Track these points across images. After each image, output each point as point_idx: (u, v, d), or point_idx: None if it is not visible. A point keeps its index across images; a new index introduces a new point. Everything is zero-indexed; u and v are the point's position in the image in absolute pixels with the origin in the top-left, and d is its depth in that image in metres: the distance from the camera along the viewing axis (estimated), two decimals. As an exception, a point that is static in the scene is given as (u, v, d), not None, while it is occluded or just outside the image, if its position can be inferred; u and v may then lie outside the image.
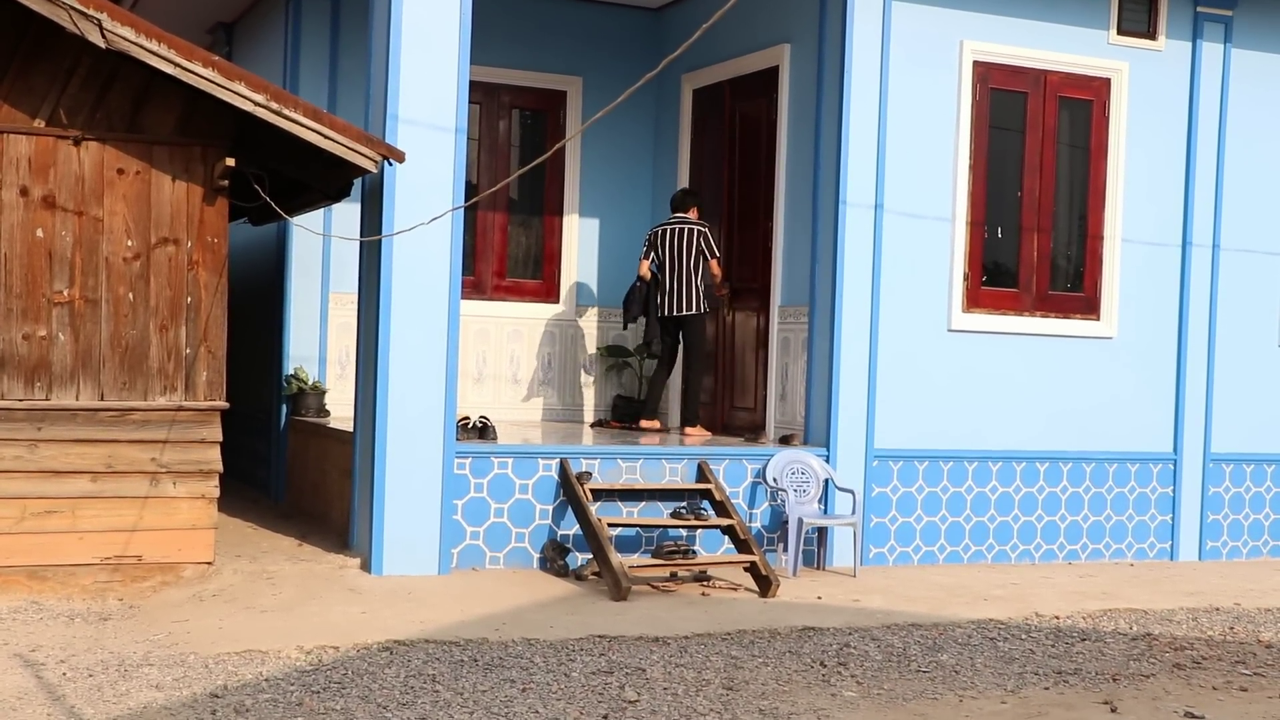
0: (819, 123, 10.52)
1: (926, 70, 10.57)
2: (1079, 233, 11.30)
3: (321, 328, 11.72)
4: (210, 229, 8.62)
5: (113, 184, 8.42)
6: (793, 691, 6.77)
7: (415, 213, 8.84)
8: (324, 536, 10.00)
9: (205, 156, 8.57)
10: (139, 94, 8.43)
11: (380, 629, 7.60)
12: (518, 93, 12.46)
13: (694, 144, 12.27)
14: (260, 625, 7.65)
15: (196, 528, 8.59)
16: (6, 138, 8.21)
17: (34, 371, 8.29)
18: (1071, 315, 11.18)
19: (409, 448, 9.08)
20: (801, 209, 10.73)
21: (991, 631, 8.34)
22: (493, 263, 12.39)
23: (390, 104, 9.02)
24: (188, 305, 8.58)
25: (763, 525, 10.21)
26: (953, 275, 10.71)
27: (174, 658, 6.88)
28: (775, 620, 8.31)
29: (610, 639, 7.65)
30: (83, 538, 8.35)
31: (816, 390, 10.42)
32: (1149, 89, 11.33)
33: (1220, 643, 8.33)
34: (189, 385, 8.59)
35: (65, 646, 7.07)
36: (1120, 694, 6.98)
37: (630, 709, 6.32)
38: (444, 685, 6.57)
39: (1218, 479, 11.67)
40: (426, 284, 9.14)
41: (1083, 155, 11.25)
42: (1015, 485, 10.92)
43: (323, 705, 6.16)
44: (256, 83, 8.24)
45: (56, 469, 8.32)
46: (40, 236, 8.28)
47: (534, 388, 12.52)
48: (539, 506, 9.60)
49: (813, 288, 10.51)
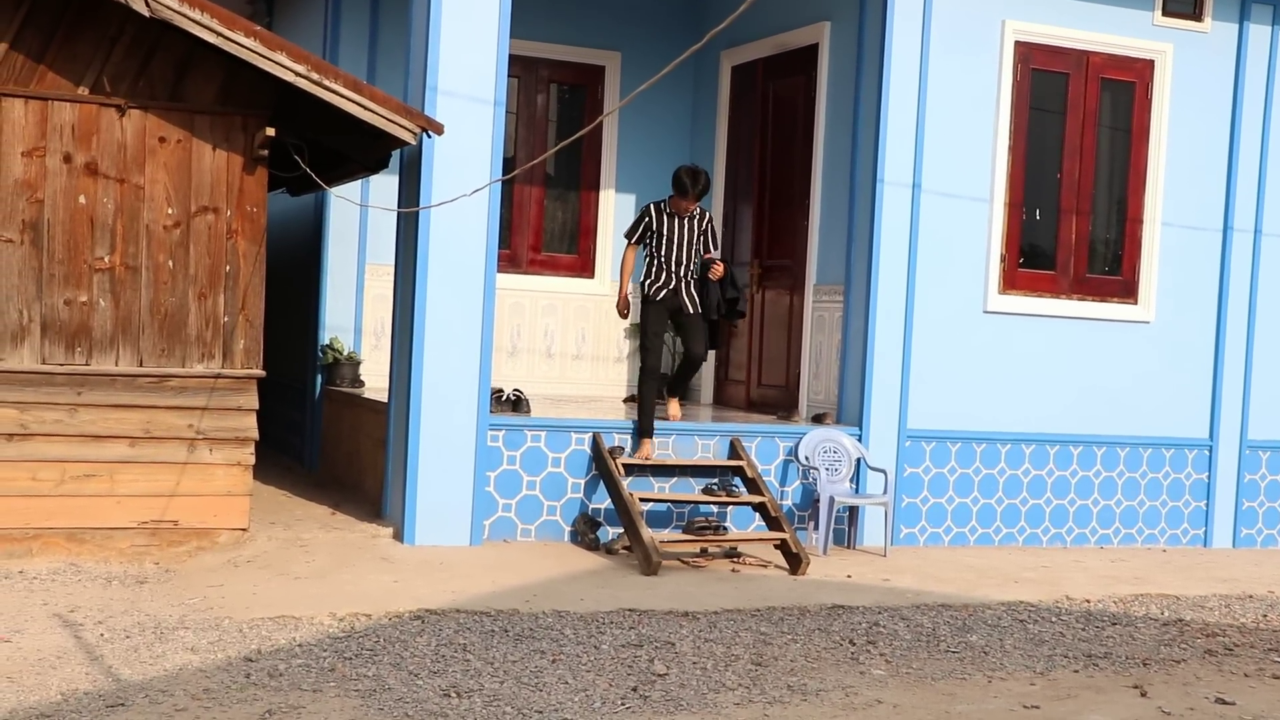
0: (858, 101, 10.47)
1: (967, 50, 10.51)
2: (1118, 216, 11.22)
3: (357, 298, 11.78)
4: (250, 198, 8.67)
5: (154, 152, 8.48)
6: (821, 669, 6.79)
7: (453, 185, 8.86)
8: (357, 505, 10.07)
9: (246, 126, 8.61)
10: (181, 63, 8.48)
11: (412, 598, 7.66)
12: (556, 67, 12.45)
13: (731, 121, 12.23)
14: (294, 592, 7.72)
15: (232, 494, 8.67)
16: (50, 105, 8.27)
17: (75, 336, 8.37)
18: (1109, 299, 11.11)
19: (443, 419, 9.13)
20: (838, 188, 10.69)
21: (1021, 613, 8.33)
22: (528, 237, 12.41)
23: (430, 76, 9.04)
24: (226, 274, 8.64)
25: (794, 503, 10.22)
26: (990, 256, 10.66)
27: (209, 621, 6.96)
28: (805, 598, 8.33)
29: (640, 613, 7.68)
30: (120, 502, 8.44)
31: (850, 369, 10.41)
32: (1193, 71, 11.22)
33: (1253, 630, 8.30)
34: (227, 353, 8.66)
35: (103, 608, 7.17)
36: (1150, 679, 6.97)
37: (659, 682, 6.35)
38: (475, 654, 6.62)
39: (1254, 466, 11.60)
40: (463, 257, 9.17)
41: (1124, 138, 11.17)
42: (1048, 468, 10.89)
43: (355, 672, 6.22)
44: (298, 53, 8.28)
45: (96, 433, 8.41)
46: (83, 203, 8.36)
47: (567, 362, 12.54)
48: (571, 480, 9.64)
49: (849, 267, 10.48)
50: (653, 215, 9.94)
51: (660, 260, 9.91)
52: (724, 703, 6.10)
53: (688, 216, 9.90)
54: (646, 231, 9.95)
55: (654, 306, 9.93)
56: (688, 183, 9.78)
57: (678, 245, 9.90)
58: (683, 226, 9.90)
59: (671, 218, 9.90)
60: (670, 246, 9.88)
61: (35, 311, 8.29)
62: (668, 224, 9.90)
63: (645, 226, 9.94)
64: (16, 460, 8.26)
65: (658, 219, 9.92)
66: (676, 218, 9.89)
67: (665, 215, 9.92)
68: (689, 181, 9.77)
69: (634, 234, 10.03)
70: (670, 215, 9.90)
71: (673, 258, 9.88)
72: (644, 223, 9.96)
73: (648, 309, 9.97)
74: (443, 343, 9.13)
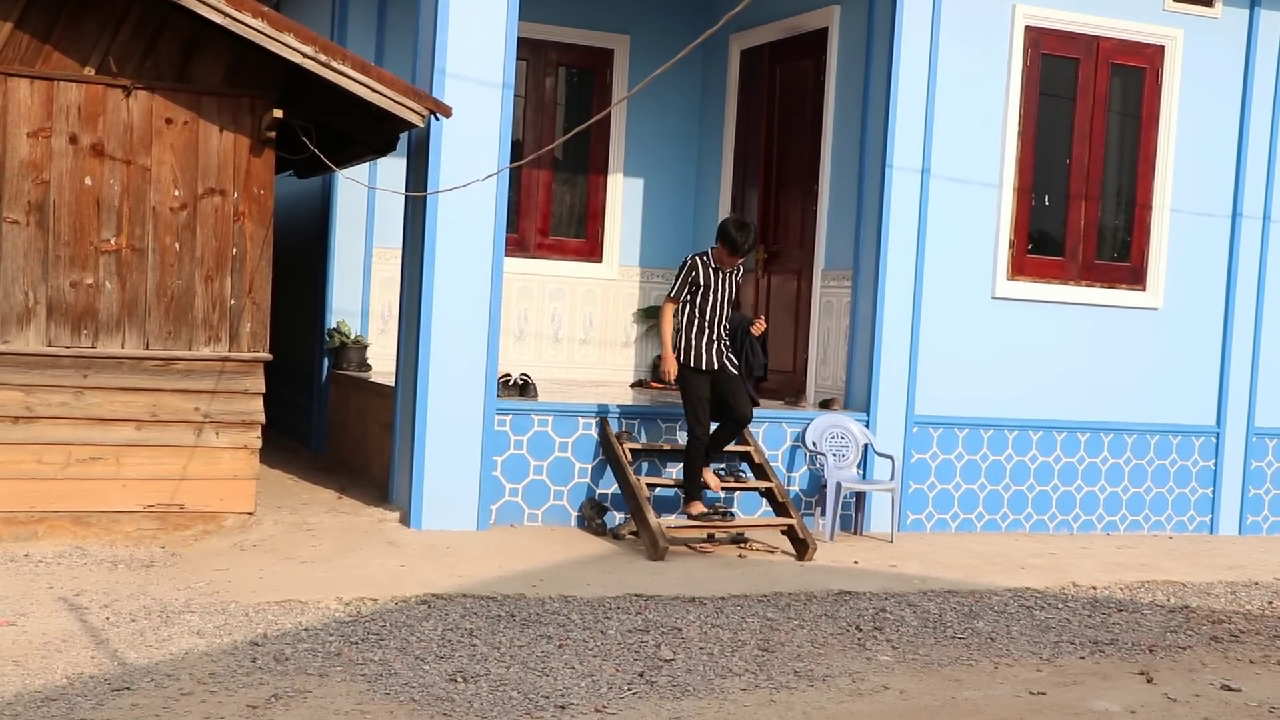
0: (867, 85, 10.43)
1: (978, 34, 10.46)
2: (1127, 202, 11.18)
3: (365, 282, 11.76)
4: (257, 180, 8.65)
5: (161, 133, 8.45)
6: (828, 654, 6.78)
7: (461, 168, 8.84)
8: (364, 490, 10.06)
9: (253, 108, 8.59)
10: (188, 44, 8.45)
11: (418, 582, 7.66)
12: (565, 50, 12.40)
13: (740, 104, 12.19)
14: (300, 576, 7.72)
15: (238, 478, 8.67)
16: (56, 85, 8.25)
17: (81, 319, 8.36)
18: (1117, 285, 11.08)
19: (450, 403, 9.11)
20: (847, 172, 10.65)
21: (1028, 600, 8.32)
22: (536, 220, 12.38)
23: (438, 58, 9.00)
24: (233, 256, 8.62)
25: (801, 489, 10.20)
26: (998, 242, 10.62)
27: (215, 605, 6.95)
28: (812, 583, 8.32)
29: (647, 598, 7.68)
30: (126, 485, 8.44)
31: (858, 355, 10.38)
32: (1203, 57, 11.17)
33: (1259, 617, 8.29)
34: (233, 336, 8.65)
35: (109, 591, 7.17)
36: (1156, 665, 6.95)
37: (666, 667, 6.35)
38: (481, 639, 6.62)
39: (1260, 453, 11.57)
40: (471, 240, 9.15)
41: (1133, 123, 11.12)
42: (1055, 455, 10.86)
43: (361, 656, 6.22)
44: (306, 34, 8.25)
45: (101, 416, 8.40)
46: (89, 185, 8.34)
47: (575, 347, 12.53)
48: (578, 465, 9.63)
49: (857, 252, 10.45)
50: (699, 270, 9.03)
51: (704, 320, 9.08)
52: (731, 688, 6.10)
53: (729, 270, 9.13)
54: (692, 288, 9.08)
55: (697, 373, 9.13)
56: (738, 238, 8.92)
57: (719, 302, 9.09)
58: (722, 281, 9.10)
59: (715, 273, 9.06)
60: (714, 303, 9.07)
61: (41, 293, 8.28)
62: (711, 279, 9.06)
63: (691, 283, 9.06)
64: (22, 443, 8.25)
65: (704, 273, 9.05)
66: (719, 272, 9.07)
67: (709, 270, 9.07)
68: (739, 237, 8.92)
69: (679, 292, 9.11)
70: (714, 270, 9.07)
71: (716, 316, 9.09)
72: (690, 279, 9.06)
73: (690, 376, 9.11)
74: (450, 327, 9.11)
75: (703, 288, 9.06)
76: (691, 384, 9.11)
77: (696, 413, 9.10)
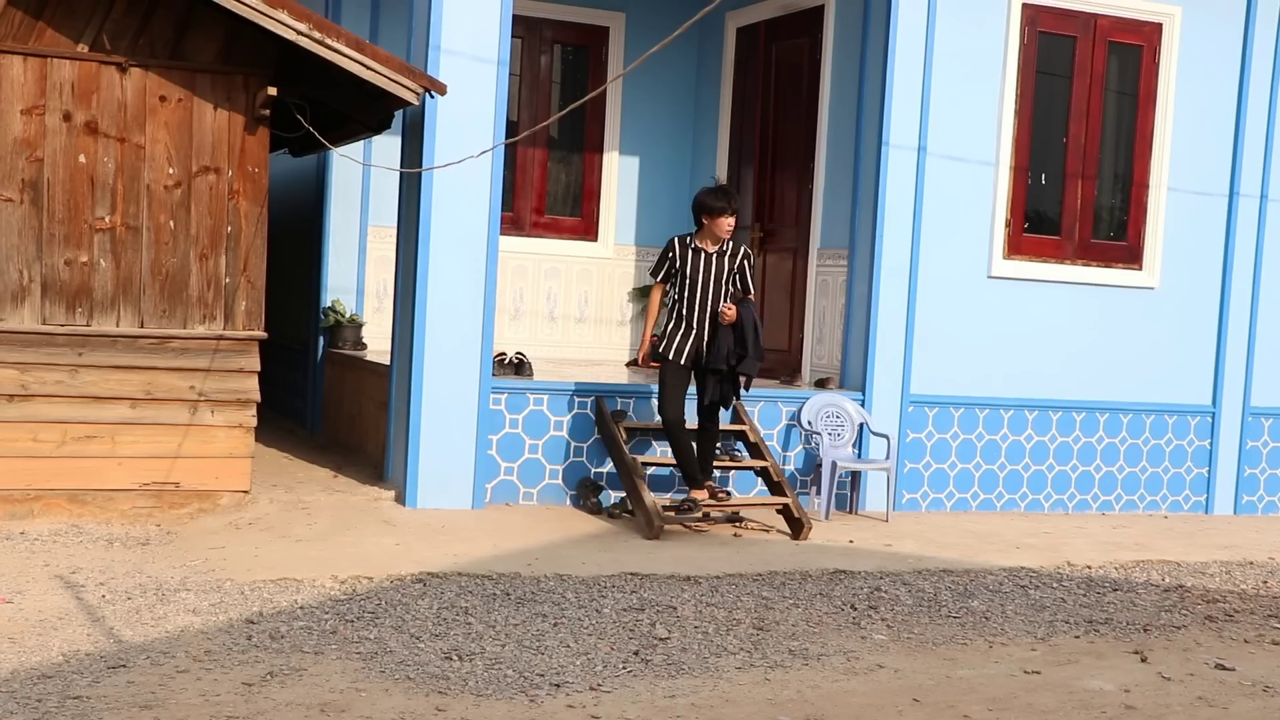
0: (863, 63, 10.40)
1: (974, 12, 10.42)
2: (1124, 181, 11.16)
3: (360, 260, 11.74)
4: (251, 158, 8.62)
5: (155, 111, 8.42)
6: (823, 633, 6.79)
7: (456, 146, 8.81)
8: (359, 468, 10.06)
9: (247, 85, 8.55)
10: (182, 21, 8.41)
11: (414, 561, 7.66)
12: (560, 27, 12.36)
13: (736, 82, 12.15)
14: (295, 554, 7.72)
15: (234, 456, 8.66)
16: (50, 62, 8.21)
17: (75, 297, 8.34)
18: (1114, 264, 11.07)
19: (445, 382, 9.11)
20: (843, 151, 10.63)
21: (1023, 579, 8.33)
22: (532, 199, 12.35)
23: (433, 35, 8.97)
24: (228, 234, 8.60)
25: (796, 468, 10.21)
26: (994, 221, 10.61)
27: (211, 584, 6.96)
28: (807, 562, 8.33)
29: (642, 577, 7.68)
30: (122, 463, 8.43)
31: (854, 334, 10.38)
32: (1201, 35, 11.14)
33: (1253, 596, 8.30)
34: (228, 314, 8.63)
35: (104, 569, 7.16)
36: (1151, 644, 6.97)
37: (661, 646, 6.35)
38: (476, 618, 6.62)
39: (1256, 433, 11.59)
40: (466, 219, 9.13)
41: (1130, 102, 11.09)
42: (1051, 434, 10.87)
43: (356, 634, 6.22)
44: (299, 11, 8.21)
45: (97, 394, 8.39)
46: (82, 162, 8.31)
47: (570, 325, 12.52)
48: (573, 444, 9.63)
49: (853, 231, 10.43)
50: (675, 252, 8.62)
51: (681, 309, 8.66)
52: (725, 667, 6.11)
53: (717, 252, 8.62)
54: (670, 270, 8.68)
55: (676, 366, 8.71)
56: (710, 202, 8.41)
57: (701, 288, 8.50)
58: (705, 265, 8.55)
59: (698, 254, 8.59)
60: (694, 291, 8.55)
61: (35, 272, 8.26)
62: (690, 262, 8.59)
63: (669, 264, 8.68)
64: (17, 421, 8.24)
65: (681, 256, 8.61)
66: (703, 254, 8.58)
67: (690, 251, 8.64)
68: (710, 200, 8.41)
69: (660, 271, 8.71)
70: (696, 251, 8.62)
71: (697, 304, 8.56)
72: (668, 259, 8.69)
73: (665, 364, 8.72)
74: (445, 305, 9.10)
75: (679, 274, 8.66)
76: (666, 373, 8.77)
77: (663, 403, 8.76)
